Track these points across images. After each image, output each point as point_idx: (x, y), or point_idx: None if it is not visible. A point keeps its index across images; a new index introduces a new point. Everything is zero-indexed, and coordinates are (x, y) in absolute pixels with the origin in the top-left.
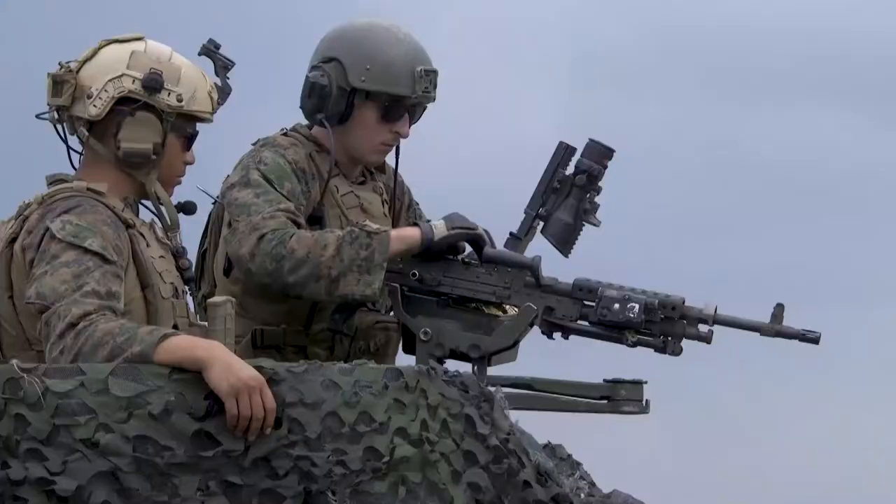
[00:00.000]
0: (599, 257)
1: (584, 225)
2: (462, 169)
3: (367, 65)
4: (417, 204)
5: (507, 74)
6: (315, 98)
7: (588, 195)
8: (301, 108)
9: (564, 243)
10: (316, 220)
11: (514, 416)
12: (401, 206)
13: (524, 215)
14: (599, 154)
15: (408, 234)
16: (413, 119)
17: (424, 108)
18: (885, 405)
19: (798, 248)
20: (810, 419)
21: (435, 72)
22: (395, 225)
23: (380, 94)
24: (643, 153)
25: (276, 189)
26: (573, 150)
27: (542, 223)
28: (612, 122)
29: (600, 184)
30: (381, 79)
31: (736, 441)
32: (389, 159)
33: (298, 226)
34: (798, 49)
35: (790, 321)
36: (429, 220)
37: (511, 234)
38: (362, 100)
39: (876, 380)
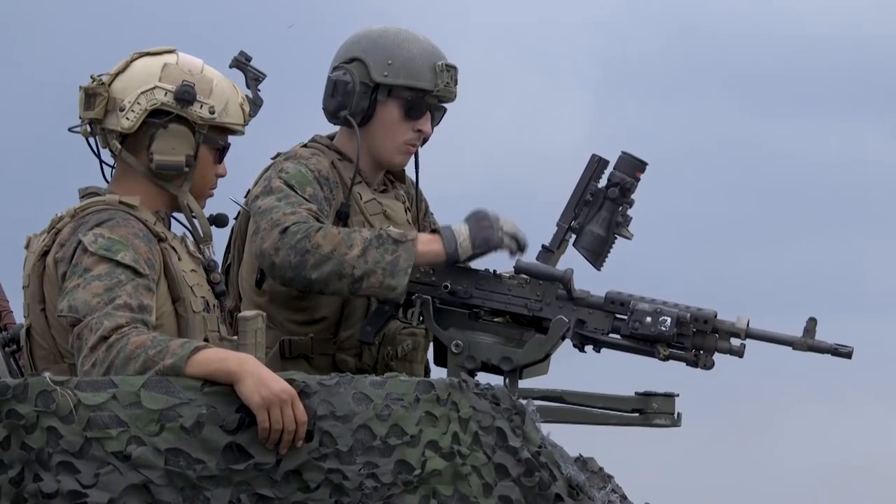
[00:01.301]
0: (630, 268)
1: (616, 238)
2: (492, 176)
3: (388, 60)
4: (432, 213)
5: (537, 81)
6: (339, 96)
7: (620, 208)
8: (324, 109)
9: (596, 256)
10: (344, 217)
11: (546, 428)
12: (417, 215)
13: (556, 228)
14: (632, 167)
15: (433, 251)
16: (434, 120)
17: (444, 111)
18: None
19: (830, 258)
20: (843, 431)
21: (455, 67)
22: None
23: (402, 89)
24: (673, 162)
25: (297, 193)
26: (606, 162)
27: (574, 235)
28: (642, 131)
29: (633, 197)
30: (403, 73)
31: (768, 454)
32: (409, 171)
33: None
34: (830, 58)
35: (823, 333)
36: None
37: (543, 246)
38: (385, 98)
39: None
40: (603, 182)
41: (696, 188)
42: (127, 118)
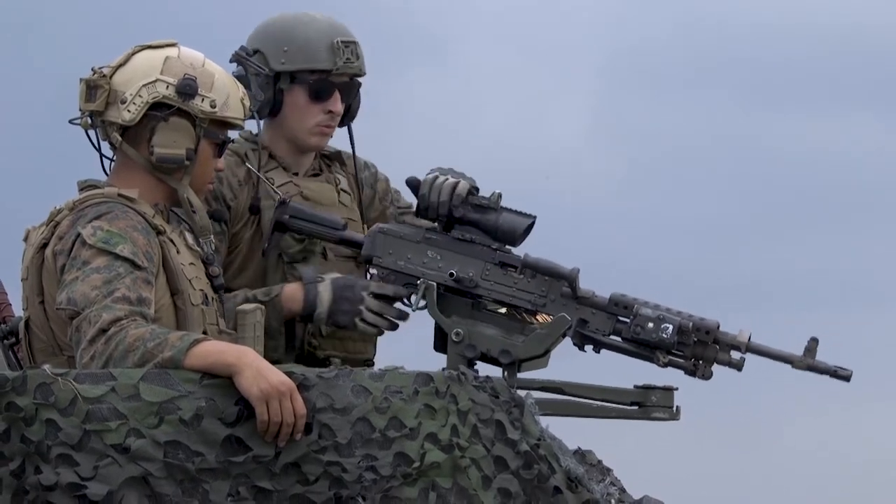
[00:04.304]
0: (633, 264)
1: None
2: (494, 168)
3: (284, 47)
4: (397, 191)
5: (539, 72)
6: None
7: None
8: None
9: None
10: (256, 210)
11: (545, 421)
12: (372, 196)
13: None
14: None
15: (292, 308)
16: (347, 97)
17: (358, 87)
18: None
19: (834, 254)
20: (845, 425)
21: (355, 42)
22: (362, 215)
23: (303, 73)
24: (674, 157)
25: None
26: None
27: None
28: (642, 125)
29: None
30: (299, 57)
31: (767, 447)
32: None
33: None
34: (836, 49)
35: (823, 330)
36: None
37: None
38: (288, 84)
39: None
40: None
41: (700, 182)
42: (128, 111)
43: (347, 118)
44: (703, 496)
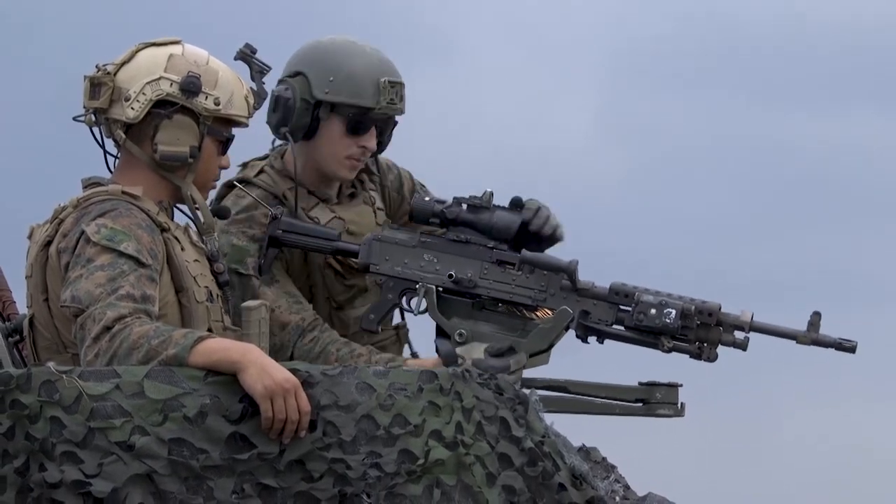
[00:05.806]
0: (634, 260)
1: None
2: (499, 167)
3: (330, 77)
4: (422, 185)
5: (543, 71)
6: (280, 112)
7: None
8: (267, 122)
9: None
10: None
11: (549, 418)
12: (401, 202)
13: None
14: None
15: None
16: (383, 133)
17: (395, 123)
18: None
19: (836, 251)
20: (846, 423)
21: (401, 84)
22: (393, 219)
23: (344, 106)
24: (676, 155)
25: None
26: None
27: None
28: (648, 123)
29: None
30: (344, 90)
31: (771, 444)
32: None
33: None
34: (836, 50)
35: (828, 326)
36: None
37: None
38: (327, 113)
39: None
40: None
41: (701, 181)
42: (132, 108)
43: (378, 149)
44: (706, 492)
